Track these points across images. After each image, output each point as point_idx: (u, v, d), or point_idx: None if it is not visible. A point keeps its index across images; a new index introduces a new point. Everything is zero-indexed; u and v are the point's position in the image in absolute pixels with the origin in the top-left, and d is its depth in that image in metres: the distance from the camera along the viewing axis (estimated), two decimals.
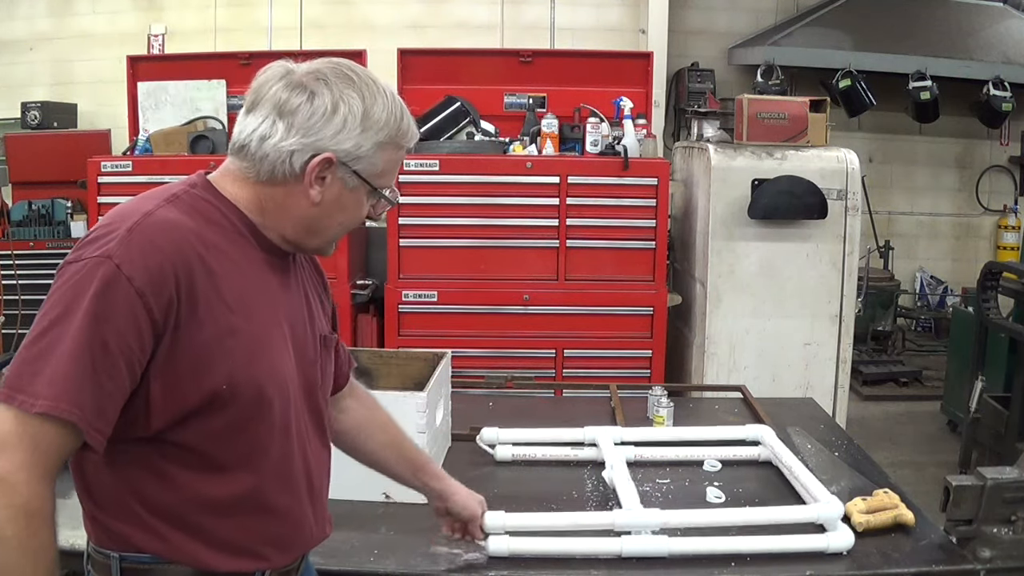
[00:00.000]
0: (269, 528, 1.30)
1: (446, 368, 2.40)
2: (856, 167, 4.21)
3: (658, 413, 2.67)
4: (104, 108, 6.44)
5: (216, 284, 1.19)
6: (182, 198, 1.24)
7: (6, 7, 6.89)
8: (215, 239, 1.22)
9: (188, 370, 1.17)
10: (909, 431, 5.40)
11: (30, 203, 5.66)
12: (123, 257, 1.13)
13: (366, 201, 1.31)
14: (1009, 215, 7.44)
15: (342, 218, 1.31)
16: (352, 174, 1.26)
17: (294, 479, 1.32)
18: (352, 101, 1.24)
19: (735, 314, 4.22)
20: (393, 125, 1.28)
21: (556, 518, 1.97)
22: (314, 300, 1.43)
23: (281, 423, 1.28)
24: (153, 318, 1.14)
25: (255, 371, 1.23)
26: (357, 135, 1.25)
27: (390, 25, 6.66)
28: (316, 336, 1.39)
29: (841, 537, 1.88)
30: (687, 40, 7.01)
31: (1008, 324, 4.42)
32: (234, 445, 1.23)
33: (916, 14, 6.93)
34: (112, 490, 1.21)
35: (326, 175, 1.26)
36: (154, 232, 1.16)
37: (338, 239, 1.36)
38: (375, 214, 1.35)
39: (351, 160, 1.25)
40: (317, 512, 1.39)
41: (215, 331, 1.18)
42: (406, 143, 1.32)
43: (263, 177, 1.26)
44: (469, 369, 3.73)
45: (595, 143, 4.25)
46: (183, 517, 1.22)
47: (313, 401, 1.37)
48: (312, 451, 1.36)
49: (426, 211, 4.19)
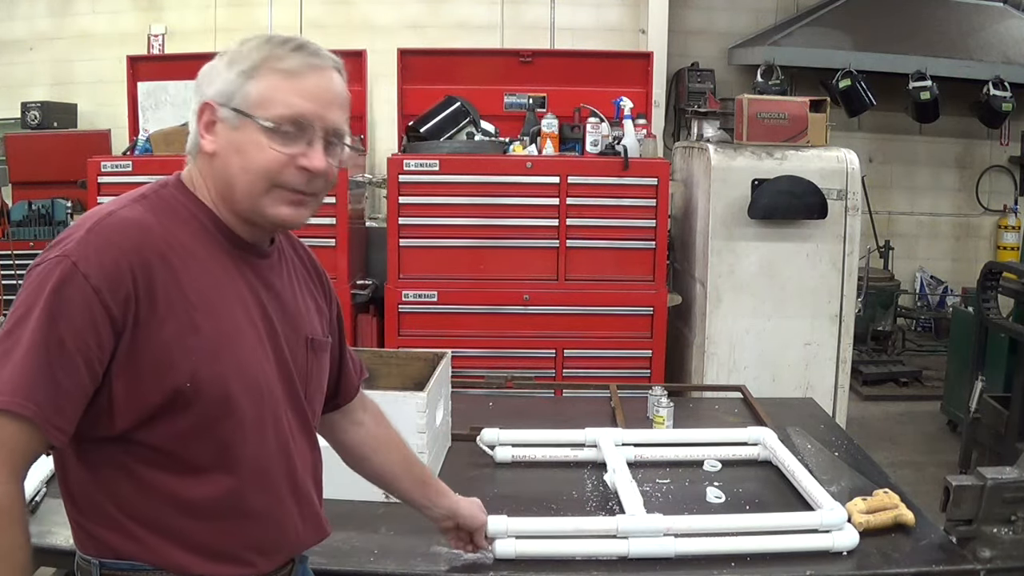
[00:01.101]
0: (249, 532, 1.28)
1: (446, 368, 2.40)
2: (856, 167, 4.21)
3: (658, 413, 2.67)
4: (104, 108, 6.45)
5: (179, 282, 1.19)
6: (149, 197, 1.25)
7: (6, 7, 6.89)
8: (182, 237, 1.22)
9: (150, 368, 1.16)
10: (909, 431, 5.40)
11: (30, 203, 5.66)
12: (79, 255, 1.13)
13: (265, 139, 1.22)
14: (1009, 215, 7.44)
15: (241, 161, 1.23)
16: (232, 112, 1.23)
17: (274, 481, 1.30)
18: (229, 49, 1.26)
19: (735, 314, 4.22)
20: (260, 52, 1.24)
21: (560, 523, 1.96)
22: (304, 302, 1.40)
23: (253, 422, 1.25)
24: (111, 315, 1.13)
25: (220, 369, 1.21)
26: (224, 72, 1.24)
27: (390, 25, 6.66)
28: (303, 337, 1.37)
29: (846, 536, 1.88)
30: (687, 40, 7.01)
31: (1008, 324, 4.42)
32: (203, 445, 1.22)
33: (916, 14, 6.93)
34: (92, 494, 1.21)
35: (213, 121, 1.25)
36: (112, 231, 1.16)
37: (265, 194, 1.24)
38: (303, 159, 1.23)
39: (225, 98, 1.23)
40: (305, 514, 1.36)
41: (177, 329, 1.17)
42: (281, 65, 1.23)
43: (193, 151, 1.29)
44: (469, 369, 3.73)
45: (595, 143, 4.25)
46: (159, 520, 1.21)
47: (297, 401, 1.35)
48: (297, 451, 1.34)
49: (426, 211, 4.19)
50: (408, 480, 1.65)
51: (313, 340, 1.40)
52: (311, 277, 1.47)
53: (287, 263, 1.39)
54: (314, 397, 1.42)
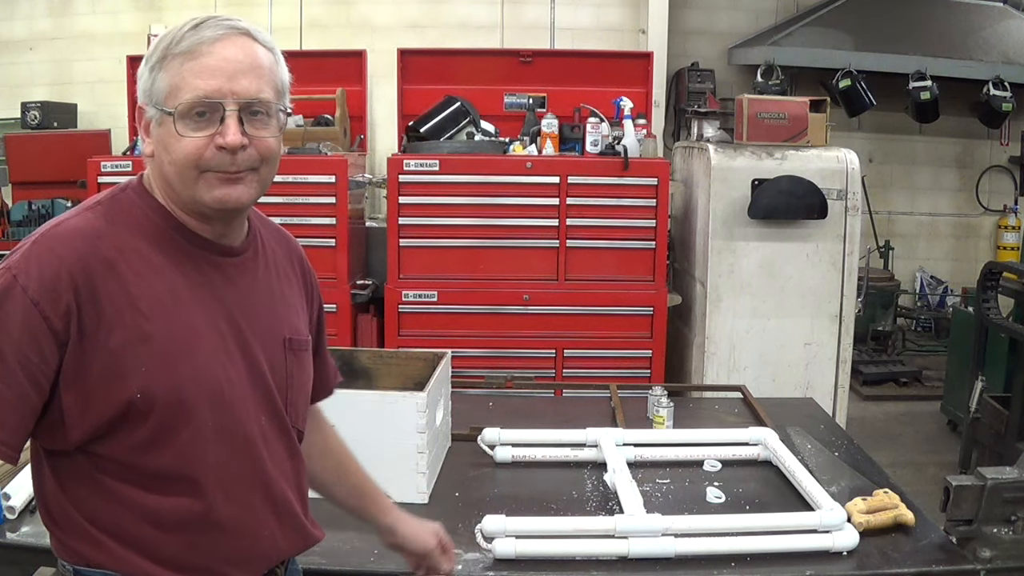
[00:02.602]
0: (220, 543, 1.24)
1: (446, 368, 2.40)
2: (856, 167, 4.21)
3: (658, 413, 2.67)
4: (104, 108, 6.44)
5: (127, 290, 1.15)
6: (104, 203, 1.22)
7: (6, 7, 6.89)
8: (135, 242, 1.19)
9: (99, 380, 1.14)
10: (909, 431, 5.40)
11: (30, 203, 5.66)
12: (20, 267, 1.12)
13: (180, 129, 1.18)
14: (1009, 215, 7.44)
15: (168, 156, 1.20)
16: (154, 109, 1.21)
17: (243, 490, 1.25)
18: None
19: (735, 314, 4.22)
20: (163, 42, 1.21)
21: (560, 523, 1.96)
22: (285, 300, 1.36)
23: (215, 430, 1.21)
24: (52, 327, 1.11)
25: (173, 378, 1.17)
26: (142, 72, 1.23)
27: (390, 25, 6.66)
28: (280, 337, 1.33)
29: (846, 536, 1.88)
30: (687, 40, 7.01)
31: (1008, 324, 4.42)
32: (163, 456, 1.18)
33: (916, 14, 6.93)
34: (62, 504, 1.20)
35: (148, 122, 1.23)
36: (54, 241, 1.15)
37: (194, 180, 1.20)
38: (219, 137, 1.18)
39: (146, 97, 1.22)
40: (284, 522, 1.31)
41: (125, 338, 1.14)
42: (180, 49, 1.19)
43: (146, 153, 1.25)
44: (469, 369, 3.73)
45: (595, 143, 4.25)
46: (127, 531, 1.19)
47: (271, 404, 1.30)
48: (271, 457, 1.28)
49: (426, 211, 4.19)
50: (342, 490, 1.57)
51: (292, 340, 1.35)
52: (296, 275, 1.42)
53: (266, 260, 1.34)
54: (296, 399, 1.36)
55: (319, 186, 4.12)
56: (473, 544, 1.86)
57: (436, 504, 2.12)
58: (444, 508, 2.09)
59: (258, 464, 1.27)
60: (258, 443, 1.27)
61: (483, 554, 1.84)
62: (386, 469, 2.07)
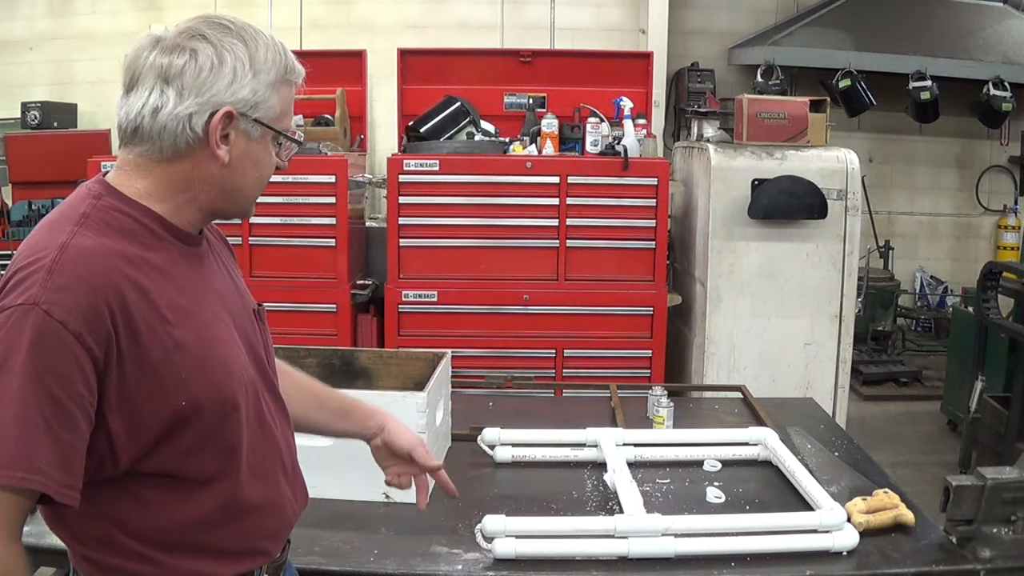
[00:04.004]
0: (258, 523, 1.28)
1: (446, 368, 2.40)
2: (856, 167, 4.21)
3: (658, 413, 2.67)
4: (104, 108, 6.45)
5: (151, 301, 1.13)
6: (91, 216, 1.15)
7: (6, 7, 6.89)
8: (137, 252, 1.15)
9: (144, 397, 1.12)
10: (909, 431, 5.40)
11: (30, 203, 5.66)
12: (51, 301, 1.05)
13: (272, 149, 1.25)
14: (1009, 215, 7.44)
15: (256, 173, 1.24)
16: (254, 123, 1.20)
17: (271, 468, 1.30)
18: (236, 48, 1.18)
19: (735, 314, 4.23)
20: (280, 63, 1.23)
21: (560, 523, 1.97)
22: (235, 275, 1.38)
23: (248, 416, 1.25)
24: (94, 356, 1.07)
25: (211, 378, 1.18)
26: (251, 81, 1.18)
27: (390, 25, 6.66)
28: (250, 311, 1.35)
29: (846, 536, 1.89)
30: (687, 40, 7.01)
31: (1008, 324, 4.42)
32: (209, 454, 1.19)
33: (916, 14, 6.93)
34: (92, 526, 1.17)
35: (229, 131, 1.19)
36: (75, 266, 1.08)
37: (256, 198, 1.29)
38: (283, 160, 1.29)
39: (250, 108, 1.19)
40: (296, 489, 1.38)
41: (161, 351, 1.13)
42: (295, 79, 1.26)
43: (167, 154, 1.18)
44: (469, 369, 3.73)
45: (595, 143, 4.25)
46: (174, 539, 1.19)
47: (268, 380, 1.34)
48: (280, 431, 1.34)
49: (426, 211, 4.19)
50: (325, 415, 1.58)
51: (256, 311, 1.38)
52: (226, 248, 1.42)
53: (210, 242, 1.35)
54: (274, 367, 1.40)
55: (319, 186, 4.12)
56: (473, 544, 1.86)
57: (436, 504, 2.11)
58: (444, 508, 2.09)
59: (272, 437, 1.32)
60: (270, 420, 1.32)
61: (483, 554, 1.84)
62: None
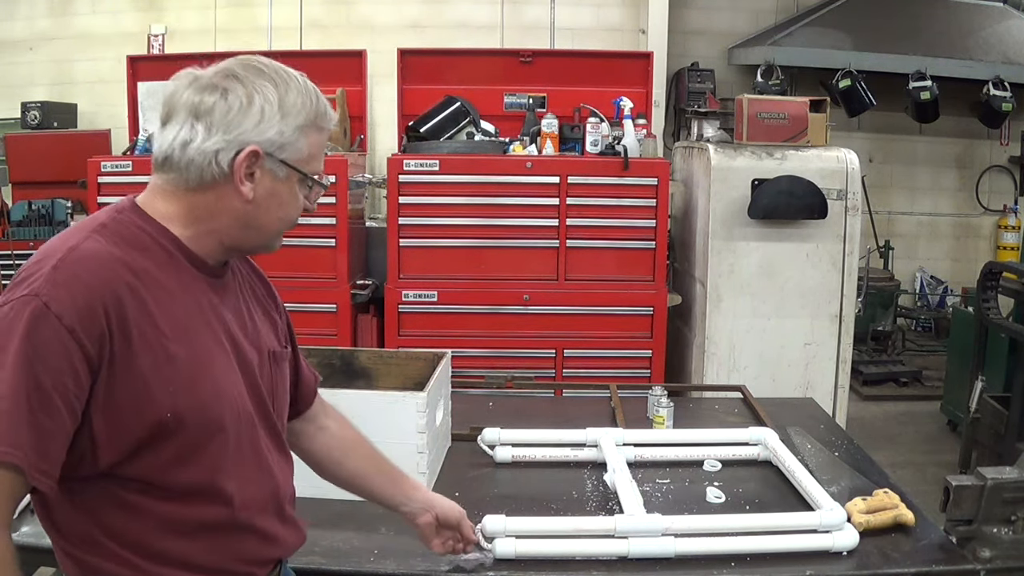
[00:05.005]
0: (241, 545, 1.30)
1: (446, 368, 2.40)
2: (856, 167, 4.21)
3: (658, 413, 2.67)
4: (104, 108, 6.45)
5: (149, 312, 1.17)
6: (108, 226, 1.21)
7: (6, 7, 6.89)
8: (145, 265, 1.20)
9: (129, 403, 1.15)
10: (909, 431, 5.40)
11: (30, 203, 5.66)
12: (50, 295, 1.10)
13: (299, 191, 1.29)
14: (1009, 215, 7.44)
15: (280, 212, 1.28)
16: (280, 164, 1.24)
17: (259, 496, 1.32)
18: (266, 90, 1.23)
19: (735, 314, 4.23)
20: (311, 108, 1.26)
21: (560, 523, 1.96)
22: (258, 315, 1.40)
23: (236, 443, 1.27)
24: (87, 354, 1.11)
25: (199, 396, 1.21)
26: (278, 122, 1.23)
27: (390, 25, 6.66)
28: (264, 351, 1.37)
29: (846, 536, 1.88)
30: (687, 40, 7.01)
31: (1008, 324, 4.42)
32: (190, 470, 1.22)
33: (916, 14, 6.93)
34: (78, 525, 1.20)
35: (255, 170, 1.23)
36: (79, 267, 1.13)
37: (281, 234, 1.34)
38: (311, 203, 1.33)
39: (276, 149, 1.23)
40: (288, 522, 1.39)
41: (152, 360, 1.16)
42: (326, 124, 1.30)
43: (192, 184, 1.23)
44: (469, 369, 3.72)
45: (595, 143, 4.25)
46: (154, 545, 1.21)
47: (268, 418, 1.36)
48: (275, 464, 1.36)
49: (426, 211, 4.19)
50: (381, 478, 1.64)
51: (273, 353, 1.40)
52: (261, 289, 1.46)
53: (239, 279, 1.39)
54: (281, 407, 1.43)
55: None
56: (474, 547, 1.85)
57: None
58: None
59: (269, 473, 1.35)
60: (264, 454, 1.34)
61: (483, 554, 1.83)
62: None
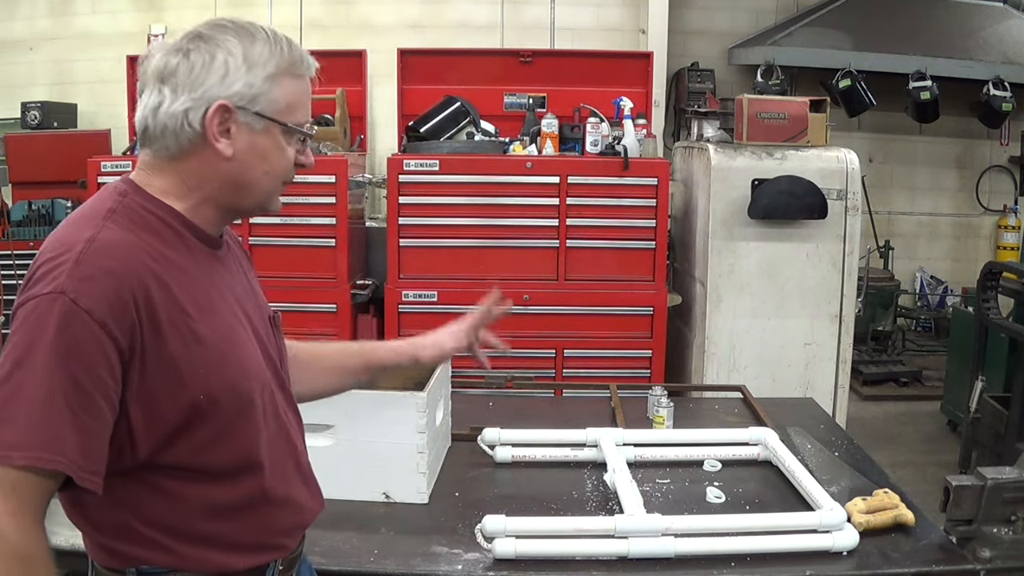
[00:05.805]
0: (276, 519, 1.31)
1: (446, 368, 2.41)
2: (856, 167, 4.21)
3: (658, 413, 2.67)
4: (104, 108, 6.44)
5: (173, 295, 1.16)
6: (119, 212, 1.19)
7: (6, 7, 6.89)
8: (159, 248, 1.19)
9: (163, 388, 1.15)
10: (909, 431, 5.40)
11: (30, 203, 5.65)
12: (77, 290, 1.09)
13: (285, 143, 1.26)
14: (1009, 215, 7.44)
15: (265, 167, 1.25)
16: (256, 116, 1.22)
17: (286, 466, 1.33)
18: (228, 44, 1.21)
19: (735, 314, 4.22)
20: (281, 56, 1.23)
21: (560, 523, 1.96)
22: (253, 281, 1.41)
23: (262, 414, 1.28)
24: (119, 347, 1.10)
25: (229, 374, 1.21)
26: (244, 74, 1.20)
27: (390, 25, 6.66)
28: (266, 316, 1.38)
29: (846, 536, 1.88)
30: (687, 40, 7.01)
31: (1008, 324, 4.41)
32: (225, 450, 1.22)
33: (916, 14, 6.93)
34: (111, 513, 1.19)
35: (229, 125, 1.21)
36: (103, 258, 1.12)
37: (278, 192, 1.31)
38: (305, 157, 1.31)
39: (248, 102, 1.21)
40: (311, 487, 1.40)
41: (181, 344, 1.16)
42: (303, 71, 1.27)
43: (174, 151, 1.21)
44: (469, 369, 3.70)
45: (595, 143, 4.25)
46: (190, 528, 1.21)
47: (282, 382, 1.37)
48: (294, 433, 1.37)
49: (426, 211, 4.19)
50: (352, 361, 1.66)
51: (273, 317, 1.42)
52: (245, 256, 1.46)
53: (230, 247, 1.38)
54: (287, 371, 1.43)
55: (319, 186, 4.12)
56: (473, 544, 1.86)
57: (436, 504, 2.12)
58: (444, 508, 2.09)
59: (289, 437, 1.35)
60: (284, 420, 1.35)
61: (483, 554, 1.84)
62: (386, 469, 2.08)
